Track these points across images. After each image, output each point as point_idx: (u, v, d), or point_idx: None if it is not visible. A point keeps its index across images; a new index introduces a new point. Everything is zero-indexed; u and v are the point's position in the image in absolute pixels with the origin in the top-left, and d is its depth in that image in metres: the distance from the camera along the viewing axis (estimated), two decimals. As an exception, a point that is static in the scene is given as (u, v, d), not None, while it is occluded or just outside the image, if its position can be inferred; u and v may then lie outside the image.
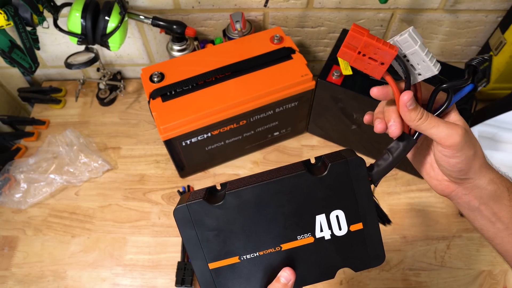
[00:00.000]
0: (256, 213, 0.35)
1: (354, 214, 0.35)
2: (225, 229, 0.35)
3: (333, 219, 0.35)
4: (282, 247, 0.36)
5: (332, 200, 0.35)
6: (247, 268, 0.36)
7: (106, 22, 0.66)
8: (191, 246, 0.35)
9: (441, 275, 0.66)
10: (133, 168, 0.79)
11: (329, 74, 0.67)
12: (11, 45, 0.64)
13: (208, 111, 0.63)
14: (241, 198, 0.34)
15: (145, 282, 0.66)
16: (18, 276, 0.67)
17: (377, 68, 0.34)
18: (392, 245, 0.69)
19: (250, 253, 0.36)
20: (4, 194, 0.73)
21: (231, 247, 0.36)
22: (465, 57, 0.88)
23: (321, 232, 0.36)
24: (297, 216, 0.35)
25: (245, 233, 0.35)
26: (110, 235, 0.71)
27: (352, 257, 0.37)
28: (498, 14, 0.77)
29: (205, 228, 0.35)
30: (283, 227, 0.35)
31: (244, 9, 0.77)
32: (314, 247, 0.36)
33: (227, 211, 0.35)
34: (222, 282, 0.36)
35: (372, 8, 0.77)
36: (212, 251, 0.36)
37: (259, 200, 0.35)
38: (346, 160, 0.34)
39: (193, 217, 0.35)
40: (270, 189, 0.34)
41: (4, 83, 0.94)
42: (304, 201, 0.35)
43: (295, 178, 0.34)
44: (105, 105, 0.89)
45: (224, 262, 0.36)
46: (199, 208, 0.34)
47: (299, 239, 0.36)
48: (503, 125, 0.80)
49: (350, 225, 0.36)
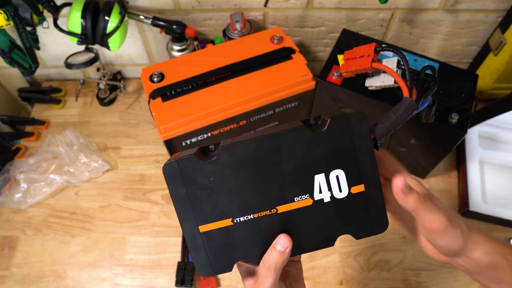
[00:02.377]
0: (251, 171, 0.32)
1: (356, 174, 0.33)
2: (217, 188, 0.32)
3: (333, 180, 0.33)
4: (278, 210, 0.33)
5: (332, 158, 0.32)
6: (240, 232, 0.33)
7: (106, 22, 0.66)
8: (181, 206, 0.33)
9: (441, 275, 0.66)
10: (133, 168, 0.79)
11: (329, 74, 0.67)
12: (11, 45, 0.64)
13: (208, 111, 0.63)
14: (235, 154, 0.32)
15: (145, 282, 0.66)
16: (18, 276, 0.67)
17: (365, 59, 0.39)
18: (392, 245, 0.69)
19: (244, 215, 0.33)
20: (4, 194, 0.73)
21: (224, 209, 0.33)
22: (465, 57, 0.88)
23: (320, 193, 0.33)
24: (295, 175, 0.33)
25: (239, 193, 0.33)
26: (110, 235, 0.71)
27: (353, 222, 0.34)
28: (498, 14, 0.77)
29: (196, 187, 0.32)
30: (280, 188, 0.33)
31: (244, 9, 0.77)
32: (313, 210, 0.33)
33: (220, 168, 0.32)
34: (213, 247, 0.33)
35: (372, 8, 0.77)
36: (203, 213, 0.33)
37: (254, 156, 0.32)
38: (347, 115, 0.32)
39: (183, 173, 0.32)
40: (266, 144, 0.32)
41: (4, 83, 0.94)
42: (302, 159, 0.32)
43: (293, 133, 0.32)
44: (105, 105, 0.89)
45: (216, 224, 0.33)
46: (190, 164, 0.32)
47: (296, 201, 0.33)
48: (503, 125, 0.80)
49: (351, 187, 0.33)
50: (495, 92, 0.82)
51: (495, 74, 0.78)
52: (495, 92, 0.82)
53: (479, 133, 0.79)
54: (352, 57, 0.42)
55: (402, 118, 0.35)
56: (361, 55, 0.41)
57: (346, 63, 0.44)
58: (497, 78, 0.79)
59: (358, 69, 0.41)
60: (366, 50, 0.41)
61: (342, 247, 0.69)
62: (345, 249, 0.68)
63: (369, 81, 0.43)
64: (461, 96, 0.65)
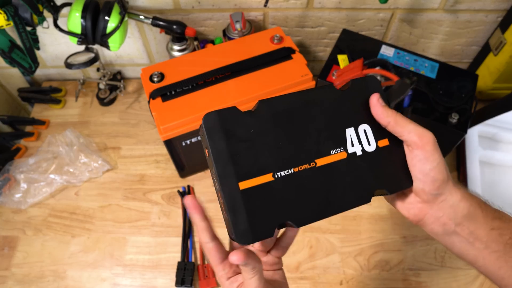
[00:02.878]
0: (288, 123, 0.33)
1: (380, 129, 0.35)
2: (257, 141, 0.32)
3: (361, 134, 0.35)
4: (317, 163, 0.33)
5: (358, 113, 0.35)
6: (282, 189, 0.32)
7: (106, 22, 0.66)
8: (220, 161, 0.31)
9: (441, 275, 0.66)
10: (133, 168, 0.79)
11: (329, 74, 0.67)
12: (11, 45, 0.64)
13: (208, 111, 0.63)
14: (273, 107, 0.33)
15: (145, 282, 0.66)
16: (18, 276, 0.67)
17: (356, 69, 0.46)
18: (392, 245, 0.69)
19: (285, 170, 0.32)
20: (4, 194, 0.73)
21: (265, 163, 0.31)
22: (465, 57, 0.89)
23: (352, 147, 0.34)
24: (328, 129, 0.34)
25: (278, 146, 0.32)
26: (110, 235, 0.71)
27: (384, 176, 0.35)
28: (498, 14, 0.77)
29: (236, 139, 0.31)
30: (316, 141, 0.34)
31: (244, 9, 0.77)
32: (348, 164, 0.34)
33: (260, 119, 0.32)
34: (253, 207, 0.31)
35: (372, 8, 0.77)
36: (243, 168, 0.31)
37: (291, 109, 0.33)
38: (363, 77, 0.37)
39: (223, 125, 0.31)
40: (301, 99, 0.34)
41: (4, 83, 0.94)
42: (333, 114, 0.35)
43: (323, 89, 0.35)
44: (105, 105, 0.89)
45: (257, 180, 0.31)
46: (231, 115, 0.31)
47: (332, 153, 0.34)
48: (503, 125, 0.80)
49: (377, 141, 0.35)
50: (495, 92, 0.82)
51: (495, 74, 0.78)
52: (495, 92, 0.82)
53: (479, 133, 0.79)
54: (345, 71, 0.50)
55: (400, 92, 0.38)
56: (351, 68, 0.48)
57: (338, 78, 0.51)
58: (497, 78, 0.79)
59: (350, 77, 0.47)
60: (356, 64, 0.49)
61: (342, 247, 0.69)
62: (345, 249, 0.68)
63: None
64: (461, 96, 0.65)
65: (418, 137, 0.33)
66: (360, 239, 0.69)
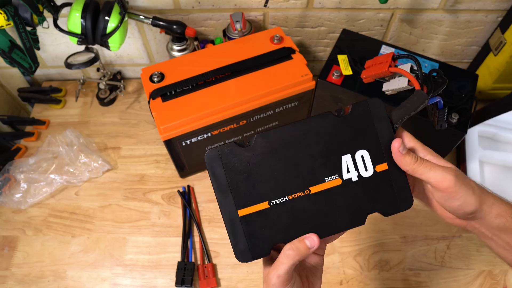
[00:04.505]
0: (284, 154, 0.35)
1: (378, 153, 0.36)
2: (254, 172, 0.35)
3: (358, 159, 0.36)
4: (311, 190, 0.35)
5: (356, 139, 0.36)
6: (277, 215, 0.35)
7: (106, 22, 0.66)
8: (221, 191, 0.35)
9: (441, 275, 0.66)
10: (133, 168, 0.79)
11: (329, 74, 0.67)
12: (11, 45, 0.64)
13: (208, 111, 0.63)
14: (269, 140, 0.35)
15: (145, 282, 0.66)
16: (18, 276, 0.67)
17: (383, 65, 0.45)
18: (392, 245, 0.69)
19: (280, 197, 0.35)
20: (4, 194, 0.73)
21: (261, 192, 0.35)
22: (465, 57, 0.89)
23: (348, 173, 0.36)
24: (324, 157, 0.35)
25: (274, 176, 0.35)
26: (110, 235, 0.71)
27: (380, 200, 0.36)
28: (498, 14, 0.77)
29: (234, 172, 0.35)
30: (311, 169, 0.35)
31: (244, 9, 0.77)
32: (343, 190, 0.36)
33: (256, 153, 0.35)
34: (251, 231, 0.35)
35: (372, 8, 0.77)
36: (241, 197, 0.35)
37: (287, 140, 0.35)
38: (366, 101, 0.36)
39: (223, 160, 0.35)
40: (297, 130, 0.35)
41: (4, 83, 0.94)
42: (330, 142, 0.35)
43: (320, 118, 0.35)
44: (105, 105, 0.89)
45: (254, 208, 0.35)
46: (229, 151, 0.35)
47: (327, 181, 0.36)
48: (503, 125, 0.80)
49: (375, 165, 0.36)
50: (495, 92, 0.82)
51: (495, 74, 0.78)
52: (495, 92, 0.82)
53: (479, 133, 0.79)
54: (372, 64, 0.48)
55: (414, 105, 0.38)
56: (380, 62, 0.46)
57: (367, 69, 0.49)
58: (497, 78, 0.79)
59: (377, 73, 0.46)
60: (384, 58, 0.46)
61: (342, 247, 0.69)
62: (345, 249, 0.68)
63: (386, 85, 0.47)
64: (461, 96, 0.65)
65: (437, 183, 0.34)
66: (360, 239, 0.69)
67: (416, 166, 0.35)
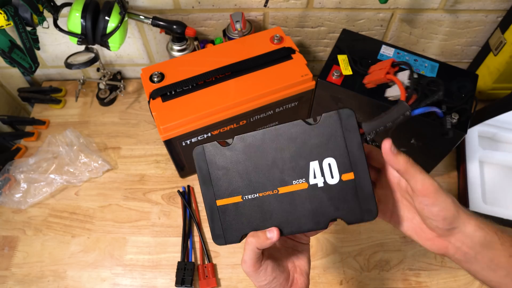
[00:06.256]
0: (258, 156, 0.39)
1: (346, 163, 0.37)
2: (232, 169, 0.39)
3: (325, 167, 0.38)
4: (279, 191, 0.39)
5: (324, 148, 0.37)
6: (248, 208, 0.39)
7: (106, 22, 0.66)
8: (204, 183, 0.40)
9: (441, 275, 0.66)
10: (133, 168, 0.79)
11: (329, 74, 0.67)
12: (11, 45, 0.64)
13: (208, 111, 0.63)
14: (246, 142, 0.39)
15: (145, 282, 0.66)
16: (18, 276, 0.67)
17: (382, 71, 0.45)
18: (392, 245, 0.69)
19: (252, 194, 0.39)
20: (4, 194, 0.73)
21: (236, 187, 0.39)
22: (465, 57, 0.89)
23: (314, 178, 0.38)
24: (293, 161, 0.38)
25: (248, 174, 0.39)
26: (110, 235, 0.71)
27: (344, 207, 0.38)
28: (498, 14, 0.77)
29: (216, 167, 0.39)
30: (281, 172, 0.38)
31: (244, 9, 0.77)
32: (308, 194, 0.38)
33: (235, 152, 0.39)
34: (226, 219, 0.40)
35: (372, 8, 0.77)
36: (220, 189, 0.40)
37: (261, 143, 0.38)
38: (337, 111, 0.37)
39: (207, 156, 0.40)
40: (270, 134, 0.38)
41: (4, 83, 0.94)
42: (299, 148, 0.38)
43: (292, 125, 0.38)
44: (105, 105, 0.89)
45: (229, 200, 0.40)
46: (213, 148, 0.39)
47: (294, 183, 0.38)
48: (503, 125, 0.80)
49: (341, 174, 0.37)
50: (495, 92, 0.82)
51: (495, 74, 0.78)
52: (495, 92, 0.82)
53: (479, 133, 0.79)
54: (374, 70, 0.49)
55: (391, 117, 0.39)
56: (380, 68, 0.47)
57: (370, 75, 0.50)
58: (497, 78, 0.79)
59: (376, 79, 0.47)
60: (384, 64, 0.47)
61: (342, 247, 0.69)
62: (345, 249, 0.68)
63: (388, 91, 0.48)
64: (461, 96, 0.65)
65: (423, 186, 0.35)
66: (360, 239, 0.69)
67: (409, 166, 0.36)
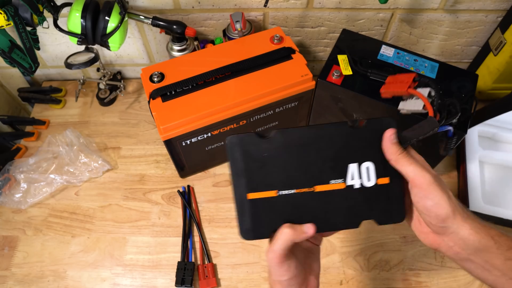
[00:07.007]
0: (298, 152, 0.38)
1: (383, 168, 0.39)
2: (269, 163, 0.38)
3: (363, 170, 0.39)
4: (315, 189, 0.39)
5: (365, 151, 0.39)
6: (282, 203, 0.38)
7: (106, 22, 0.66)
8: (236, 174, 0.38)
9: (441, 275, 0.66)
10: (133, 168, 0.79)
11: (329, 74, 0.67)
12: (11, 45, 0.64)
13: (208, 111, 0.63)
14: (287, 137, 0.38)
15: (145, 282, 0.66)
16: (18, 276, 0.67)
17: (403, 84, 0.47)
18: (392, 245, 0.69)
19: (288, 189, 0.38)
20: (4, 194, 0.73)
21: (272, 181, 0.38)
22: (465, 57, 0.89)
23: (352, 180, 0.39)
24: (333, 161, 0.39)
25: (286, 170, 0.38)
26: (110, 235, 0.71)
27: (376, 209, 0.39)
28: (498, 14, 0.77)
29: (251, 159, 0.38)
30: (319, 170, 0.39)
31: (244, 9, 0.77)
32: (344, 194, 0.39)
33: (274, 146, 0.38)
34: (256, 213, 0.38)
35: (372, 8, 0.77)
36: (253, 182, 0.38)
37: (302, 141, 0.38)
38: (380, 118, 0.39)
39: (243, 147, 0.38)
40: (313, 133, 0.38)
41: (4, 83, 0.94)
42: (341, 149, 0.39)
43: (336, 126, 0.39)
44: (105, 105, 0.89)
45: (263, 194, 0.38)
46: (250, 140, 0.38)
47: (331, 183, 0.39)
48: (503, 125, 0.80)
49: (378, 178, 0.39)
50: (495, 92, 0.82)
51: (495, 74, 0.78)
52: (495, 92, 0.82)
53: (479, 133, 0.79)
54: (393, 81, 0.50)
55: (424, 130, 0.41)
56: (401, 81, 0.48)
57: (387, 85, 0.51)
58: (497, 78, 0.79)
59: (396, 91, 0.48)
60: (406, 77, 0.48)
61: (342, 247, 0.69)
62: (345, 249, 0.68)
63: (402, 104, 0.49)
64: (461, 96, 0.65)
65: (414, 178, 0.36)
66: (360, 239, 0.69)
67: (400, 157, 0.37)
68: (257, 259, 0.68)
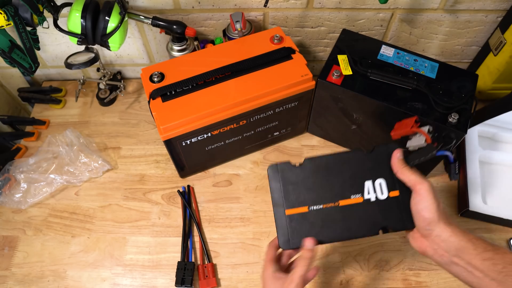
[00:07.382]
0: (324, 174, 0.49)
1: (393, 183, 0.48)
2: (301, 184, 0.48)
3: (377, 185, 0.48)
4: (339, 203, 0.48)
5: (377, 170, 0.48)
6: (312, 217, 0.48)
7: (106, 22, 0.66)
8: (276, 195, 0.48)
9: (441, 275, 0.66)
10: (133, 168, 0.79)
11: (329, 74, 0.67)
12: (11, 45, 0.64)
13: (208, 111, 0.63)
14: (315, 163, 0.49)
15: (145, 282, 0.66)
16: (18, 276, 0.67)
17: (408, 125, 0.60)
18: (392, 245, 0.69)
19: (317, 205, 0.48)
20: (4, 194, 0.73)
21: (304, 199, 0.48)
22: (465, 57, 0.89)
23: (368, 194, 0.48)
24: (352, 180, 0.48)
25: (315, 189, 0.48)
26: (110, 235, 0.71)
27: (390, 218, 0.47)
28: (498, 14, 0.77)
29: (287, 182, 0.49)
30: (342, 188, 0.48)
31: (244, 9, 0.77)
32: (363, 206, 0.47)
33: (304, 171, 0.49)
34: (293, 226, 0.48)
35: (372, 8, 0.77)
36: (289, 201, 0.48)
37: (327, 165, 0.49)
38: (387, 144, 0.49)
39: (280, 173, 0.49)
40: (335, 159, 0.49)
41: (4, 83, 0.94)
42: (358, 170, 0.48)
43: (352, 153, 0.49)
44: (105, 105, 0.89)
45: (297, 210, 0.48)
46: (285, 167, 0.49)
47: (352, 198, 0.48)
48: (503, 125, 0.80)
49: (389, 191, 0.48)
50: (495, 92, 0.82)
51: (495, 74, 0.78)
52: (495, 92, 0.82)
53: (479, 133, 0.79)
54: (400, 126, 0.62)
55: (424, 154, 0.50)
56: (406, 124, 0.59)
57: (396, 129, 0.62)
58: (497, 78, 0.79)
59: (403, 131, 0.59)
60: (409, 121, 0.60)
61: (342, 247, 0.69)
62: (345, 249, 0.68)
63: (409, 142, 0.57)
64: (461, 96, 0.65)
65: (414, 184, 0.44)
66: (360, 239, 0.69)
67: (404, 169, 0.46)
68: (257, 259, 0.68)
